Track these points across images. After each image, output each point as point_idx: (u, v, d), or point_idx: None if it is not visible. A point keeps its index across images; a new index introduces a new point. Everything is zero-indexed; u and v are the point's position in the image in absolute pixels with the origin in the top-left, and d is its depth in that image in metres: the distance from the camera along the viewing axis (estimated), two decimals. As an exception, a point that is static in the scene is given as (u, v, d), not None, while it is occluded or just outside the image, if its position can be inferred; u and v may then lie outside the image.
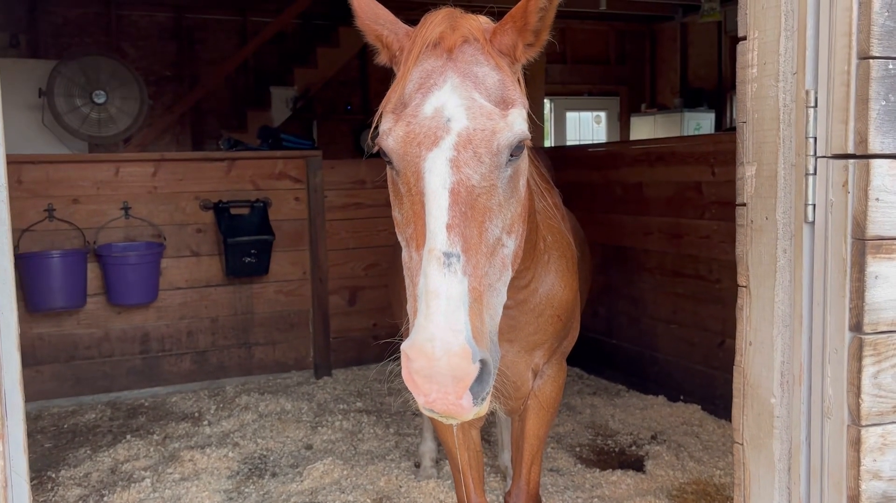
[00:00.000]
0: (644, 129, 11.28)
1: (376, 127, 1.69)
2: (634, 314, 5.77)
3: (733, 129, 4.92)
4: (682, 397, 5.37)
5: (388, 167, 1.71)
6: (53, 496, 4.16)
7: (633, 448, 4.76)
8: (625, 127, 11.67)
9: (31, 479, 4.33)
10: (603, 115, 11.80)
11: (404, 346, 1.44)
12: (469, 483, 2.54)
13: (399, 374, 1.74)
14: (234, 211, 5.85)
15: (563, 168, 5.39)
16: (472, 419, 1.53)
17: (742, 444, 2.02)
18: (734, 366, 2.05)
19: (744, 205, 1.98)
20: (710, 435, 4.88)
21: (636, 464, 4.49)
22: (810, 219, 1.79)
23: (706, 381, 5.16)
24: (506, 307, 2.28)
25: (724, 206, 4.83)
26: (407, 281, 1.64)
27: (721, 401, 5.07)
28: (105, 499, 4.09)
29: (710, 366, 5.12)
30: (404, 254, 1.65)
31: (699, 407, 5.22)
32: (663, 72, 11.58)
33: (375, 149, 1.70)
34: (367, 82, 10.12)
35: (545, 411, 2.53)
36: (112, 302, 5.58)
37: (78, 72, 5.75)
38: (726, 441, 4.76)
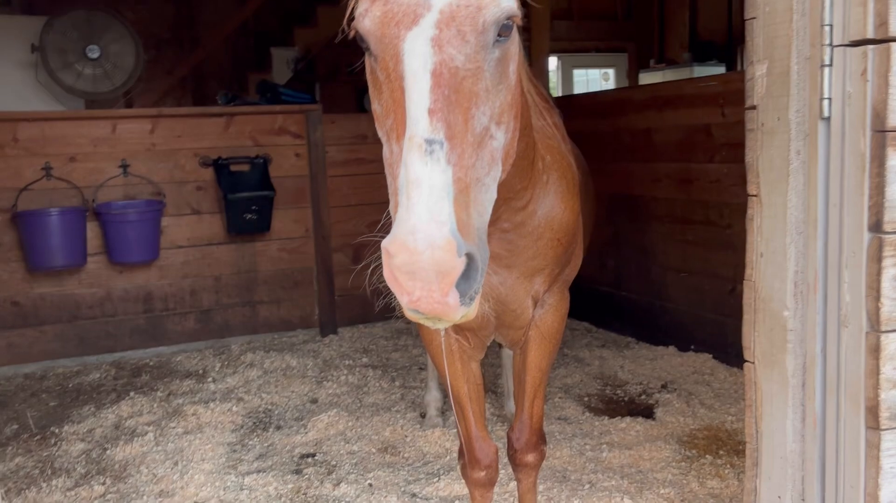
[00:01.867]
0: (653, 79, 11.06)
1: (353, 11, 1.58)
2: (643, 264, 5.66)
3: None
4: (692, 347, 5.27)
5: (366, 56, 1.60)
6: (57, 451, 4.11)
7: (643, 397, 4.67)
8: (633, 83, 11.46)
9: (35, 436, 4.32)
10: (611, 72, 11.59)
11: (385, 243, 1.34)
12: (470, 417, 2.45)
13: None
14: (233, 167, 5.76)
15: (570, 117, 5.25)
16: (461, 321, 1.43)
17: (753, 363, 1.92)
18: (744, 282, 1.95)
19: (754, 107, 1.86)
20: (721, 383, 4.79)
21: (646, 412, 4.41)
22: (826, 114, 1.68)
23: (717, 330, 5.06)
24: (503, 230, 2.19)
25: (735, 148, 4.69)
26: (388, 179, 1.54)
27: (733, 349, 4.97)
28: (108, 452, 4.04)
29: (722, 313, 5.01)
30: (385, 150, 1.55)
31: (710, 356, 5.13)
32: (672, 26, 11.34)
33: (352, 34, 1.59)
34: (369, 42, 9.94)
35: (547, 341, 2.43)
36: (113, 260, 5.51)
37: (70, 27, 5.63)
38: (738, 388, 4.67)
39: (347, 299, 6.29)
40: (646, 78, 11.21)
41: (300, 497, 3.53)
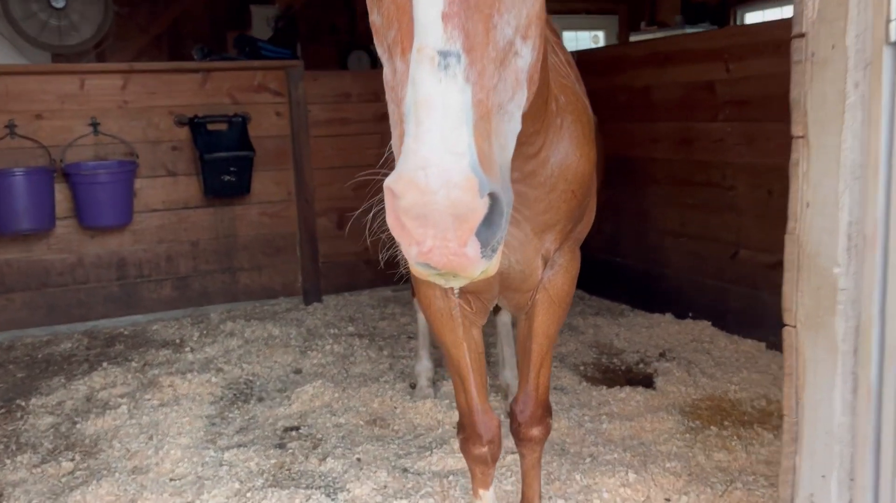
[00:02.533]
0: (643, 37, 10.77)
1: None
2: (640, 229, 5.44)
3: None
4: (690, 314, 5.09)
5: None
6: (23, 425, 3.87)
7: (641, 366, 4.49)
8: (623, 35, 11.17)
9: (0, 408, 4.07)
10: (601, 34, 11.26)
11: (389, 181, 1.10)
12: (471, 388, 2.23)
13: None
14: (210, 126, 5.46)
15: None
16: (480, 279, 1.19)
17: (795, 326, 1.70)
18: (786, 236, 1.72)
19: (802, 35, 1.63)
20: (721, 351, 4.62)
21: (645, 382, 4.22)
22: (893, 38, 1.44)
23: (717, 296, 4.87)
24: (511, 181, 1.94)
25: (740, 106, 4.47)
26: (391, 106, 1.29)
27: (733, 317, 4.79)
28: (77, 426, 3.81)
29: (722, 279, 4.82)
30: (386, 70, 1.29)
31: (709, 323, 4.94)
32: (663, -13, 11.04)
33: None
34: (352, 0, 9.60)
35: (556, 306, 2.20)
36: (84, 224, 5.22)
37: (33, -27, 5.29)
38: (739, 357, 4.50)
39: (332, 266, 6.04)
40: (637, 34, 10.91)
41: (283, 473, 3.31)
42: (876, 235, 1.52)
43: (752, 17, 9.94)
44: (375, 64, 9.19)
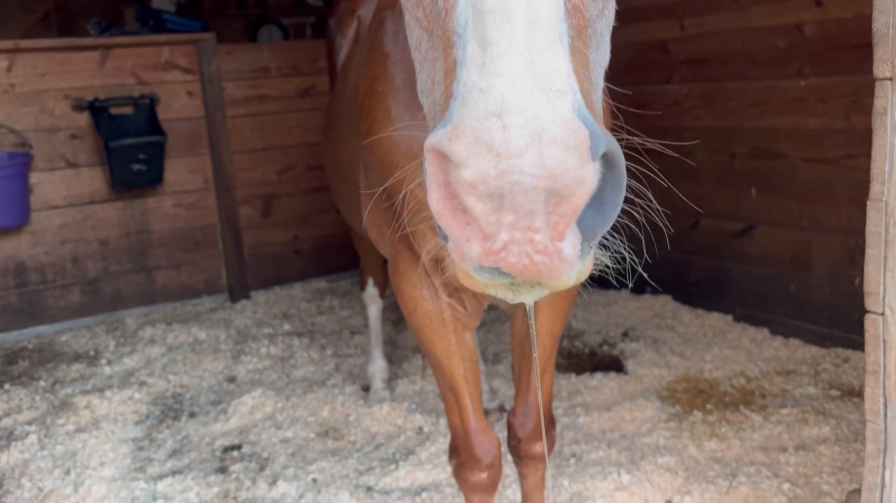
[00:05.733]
0: None
1: None
2: (590, 201, 5.15)
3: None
4: (648, 288, 4.83)
5: None
6: None
7: (605, 347, 4.21)
8: None
9: None
10: None
11: (436, 140, 0.70)
12: (467, 405, 1.85)
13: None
14: (114, 110, 4.87)
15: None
16: (570, 285, 0.80)
17: (882, 314, 1.38)
18: (868, 202, 1.40)
19: (890, -49, 1.29)
20: (686, 326, 4.38)
21: (614, 366, 3.95)
22: None
23: (678, 269, 4.62)
24: None
25: (697, 65, 4.20)
26: (415, 31, 0.87)
27: (696, 289, 4.56)
28: (-22, 464, 3.25)
29: (682, 250, 4.56)
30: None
31: (670, 297, 4.70)
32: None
33: None
34: (260, -27, 8.97)
35: (561, 301, 1.85)
36: (-29, 227, 4.58)
37: None
38: (707, 332, 4.27)
39: (259, 258, 5.54)
40: None
41: (229, 502, 2.87)
42: None
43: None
44: (289, 38, 8.63)
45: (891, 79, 1.35)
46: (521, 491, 2.17)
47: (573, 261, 0.75)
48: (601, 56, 0.91)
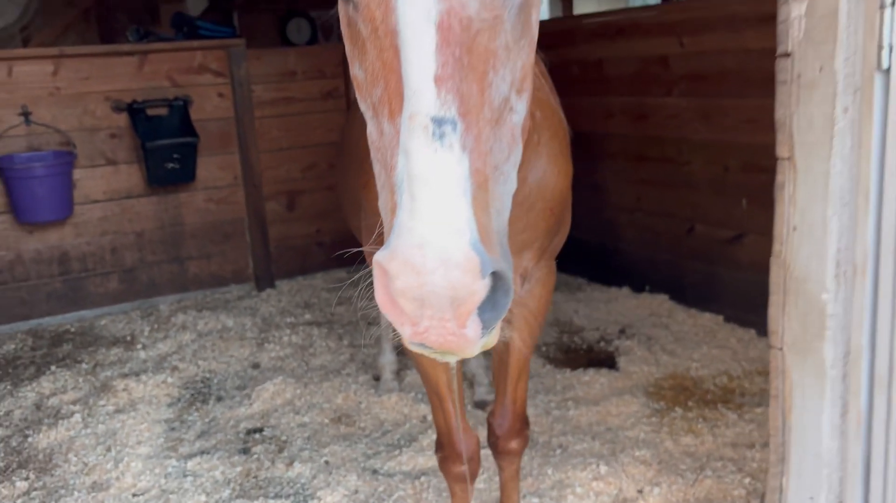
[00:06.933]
0: (588, 9, 10.69)
1: None
2: (595, 204, 5.43)
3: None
4: (647, 288, 5.12)
5: (339, 1, 1.23)
6: (-30, 440, 3.71)
7: (602, 344, 4.51)
8: (567, 7, 11.06)
9: (-58, 422, 3.88)
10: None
11: (380, 257, 1.02)
12: (449, 408, 2.18)
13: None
14: (150, 112, 5.23)
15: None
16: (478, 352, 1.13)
17: (781, 349, 1.68)
18: (772, 258, 1.69)
19: (787, 55, 1.57)
20: (679, 325, 4.66)
21: (608, 362, 4.24)
22: (885, 65, 1.40)
23: (674, 271, 4.90)
24: None
25: (695, 81, 4.44)
26: (376, 167, 1.20)
27: (691, 290, 4.83)
28: (29, 439, 3.65)
29: (678, 254, 4.85)
30: (370, 128, 1.20)
31: (667, 297, 4.98)
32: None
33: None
34: (289, -33, 9.27)
35: (534, 318, 2.16)
36: (21, 220, 4.98)
37: (-50, -46, 4.94)
38: (698, 331, 4.54)
39: (283, 250, 5.91)
40: (580, 6, 10.83)
41: (250, 481, 3.24)
42: (866, 263, 1.50)
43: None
44: (317, 34, 8.93)
45: (788, 158, 1.64)
46: (499, 480, 2.51)
47: (475, 339, 1.07)
48: (508, 187, 1.21)
